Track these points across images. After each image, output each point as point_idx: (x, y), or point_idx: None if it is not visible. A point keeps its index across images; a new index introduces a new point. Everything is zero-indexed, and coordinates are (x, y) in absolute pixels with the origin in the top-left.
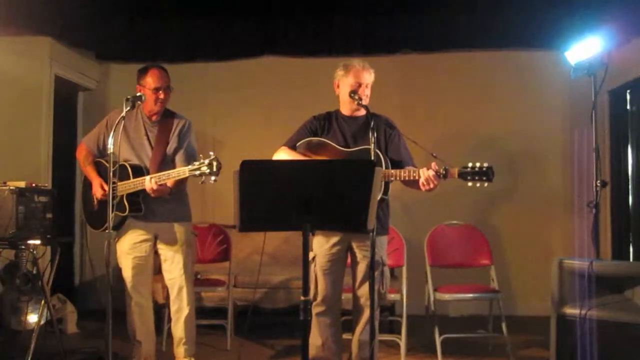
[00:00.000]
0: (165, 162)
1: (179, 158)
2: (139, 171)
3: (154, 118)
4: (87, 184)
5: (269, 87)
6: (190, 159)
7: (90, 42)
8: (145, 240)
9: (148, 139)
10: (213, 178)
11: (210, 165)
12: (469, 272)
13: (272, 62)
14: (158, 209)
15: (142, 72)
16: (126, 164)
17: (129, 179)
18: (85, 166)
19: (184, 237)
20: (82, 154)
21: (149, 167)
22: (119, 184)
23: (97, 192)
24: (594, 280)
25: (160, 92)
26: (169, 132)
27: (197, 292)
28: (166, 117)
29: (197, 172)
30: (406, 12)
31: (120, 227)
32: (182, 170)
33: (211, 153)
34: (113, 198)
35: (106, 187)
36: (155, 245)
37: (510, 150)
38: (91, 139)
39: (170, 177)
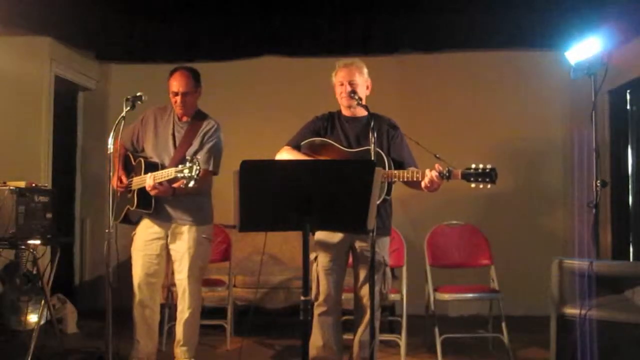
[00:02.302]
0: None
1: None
2: (153, 168)
3: (183, 119)
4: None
5: (269, 87)
6: (210, 160)
7: (90, 42)
8: (158, 239)
9: (174, 138)
10: (192, 183)
11: (190, 169)
12: (469, 272)
13: (272, 62)
14: (173, 210)
15: (169, 74)
16: (142, 159)
17: (141, 174)
18: (114, 158)
19: (194, 240)
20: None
21: (167, 166)
22: (134, 178)
23: (114, 183)
24: (594, 280)
25: (178, 96)
26: (195, 134)
27: None
28: (197, 119)
29: (180, 175)
30: (406, 12)
31: (138, 223)
32: (170, 171)
33: (197, 157)
34: (128, 192)
35: (124, 180)
36: (167, 245)
37: (510, 150)
38: (126, 134)
39: (162, 177)
